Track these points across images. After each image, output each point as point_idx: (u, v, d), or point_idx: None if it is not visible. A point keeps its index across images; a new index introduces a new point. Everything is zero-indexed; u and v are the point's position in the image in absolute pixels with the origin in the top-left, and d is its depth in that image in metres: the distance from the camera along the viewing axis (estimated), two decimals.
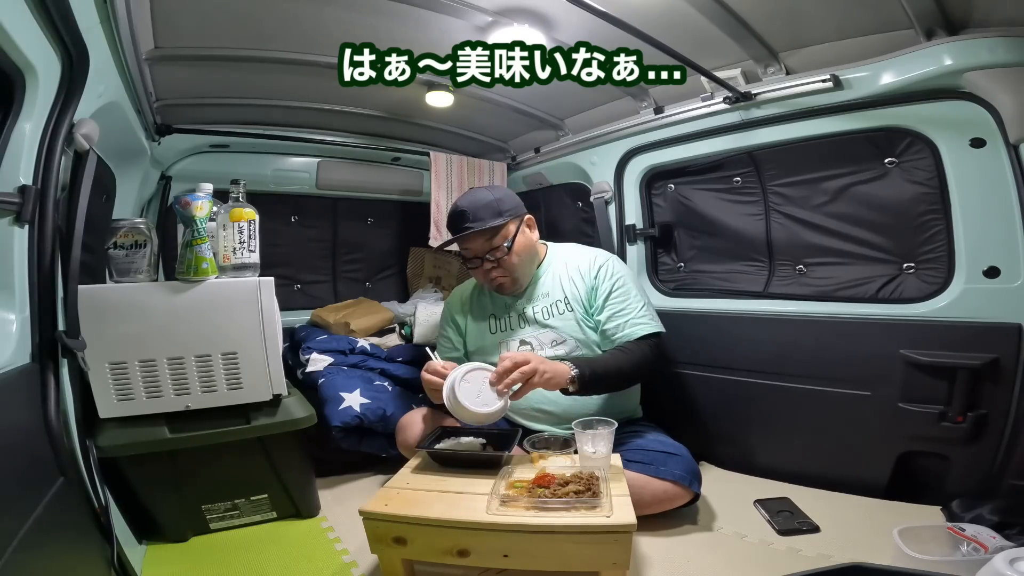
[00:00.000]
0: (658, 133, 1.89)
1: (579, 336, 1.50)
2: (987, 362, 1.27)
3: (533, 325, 1.55)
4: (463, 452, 1.22)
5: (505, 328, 1.58)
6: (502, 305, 1.61)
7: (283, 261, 2.44)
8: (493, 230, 1.49)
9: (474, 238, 1.50)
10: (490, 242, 1.50)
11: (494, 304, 1.63)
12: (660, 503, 1.31)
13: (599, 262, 1.56)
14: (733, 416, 1.74)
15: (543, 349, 1.51)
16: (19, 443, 0.86)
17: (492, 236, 1.50)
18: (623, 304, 1.49)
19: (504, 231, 1.50)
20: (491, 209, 1.49)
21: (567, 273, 1.57)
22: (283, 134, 2.14)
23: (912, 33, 1.28)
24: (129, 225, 1.30)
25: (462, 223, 1.49)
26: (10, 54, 0.83)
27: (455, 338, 1.67)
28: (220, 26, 1.45)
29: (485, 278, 1.56)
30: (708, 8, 1.33)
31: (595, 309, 1.52)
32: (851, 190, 1.55)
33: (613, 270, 1.54)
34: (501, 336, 1.58)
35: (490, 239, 1.50)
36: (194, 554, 1.28)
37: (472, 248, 1.52)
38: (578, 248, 1.68)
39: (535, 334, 1.53)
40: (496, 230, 1.49)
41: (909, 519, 1.23)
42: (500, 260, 1.51)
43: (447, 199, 2.37)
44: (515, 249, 1.51)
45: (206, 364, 1.28)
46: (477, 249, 1.52)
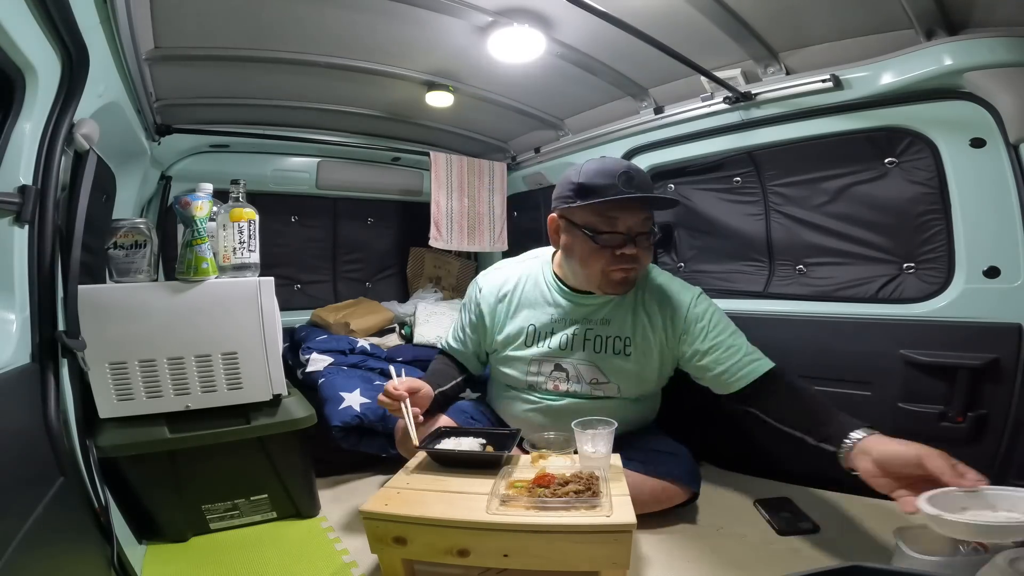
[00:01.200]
0: (658, 133, 1.89)
1: (628, 384, 1.35)
2: (987, 362, 1.27)
3: (578, 351, 1.35)
4: (463, 452, 1.22)
5: (543, 344, 1.38)
6: (547, 314, 1.39)
7: (283, 261, 2.45)
8: (652, 211, 1.25)
9: (637, 209, 1.24)
10: (646, 223, 1.26)
11: (538, 312, 1.40)
12: (659, 502, 1.31)
13: (689, 299, 1.34)
14: (733, 416, 1.74)
15: (580, 383, 1.36)
16: (19, 443, 0.86)
17: (649, 217, 1.26)
18: (729, 340, 1.29)
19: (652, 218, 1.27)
20: (652, 187, 1.27)
21: (644, 306, 1.35)
22: (283, 134, 2.14)
23: (912, 33, 1.28)
24: (129, 225, 1.30)
25: (627, 184, 1.21)
26: (10, 54, 0.83)
27: (472, 337, 1.52)
28: (220, 26, 1.45)
29: (612, 264, 1.26)
30: (708, 8, 1.33)
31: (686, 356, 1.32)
32: (851, 190, 1.55)
33: (706, 307, 1.34)
34: (536, 352, 1.38)
35: (647, 219, 1.26)
36: (194, 554, 1.28)
37: (626, 220, 1.24)
38: (666, 277, 1.41)
39: (576, 363, 1.35)
40: (652, 213, 1.26)
41: (909, 519, 1.23)
42: (640, 251, 1.27)
43: (447, 199, 2.37)
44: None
45: (206, 364, 1.28)
46: (628, 225, 1.24)
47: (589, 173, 1.26)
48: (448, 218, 2.39)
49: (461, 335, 1.57)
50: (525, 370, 1.41)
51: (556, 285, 1.42)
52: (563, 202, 1.30)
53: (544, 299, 1.41)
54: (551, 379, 1.39)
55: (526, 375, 1.42)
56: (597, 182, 1.24)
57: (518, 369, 1.43)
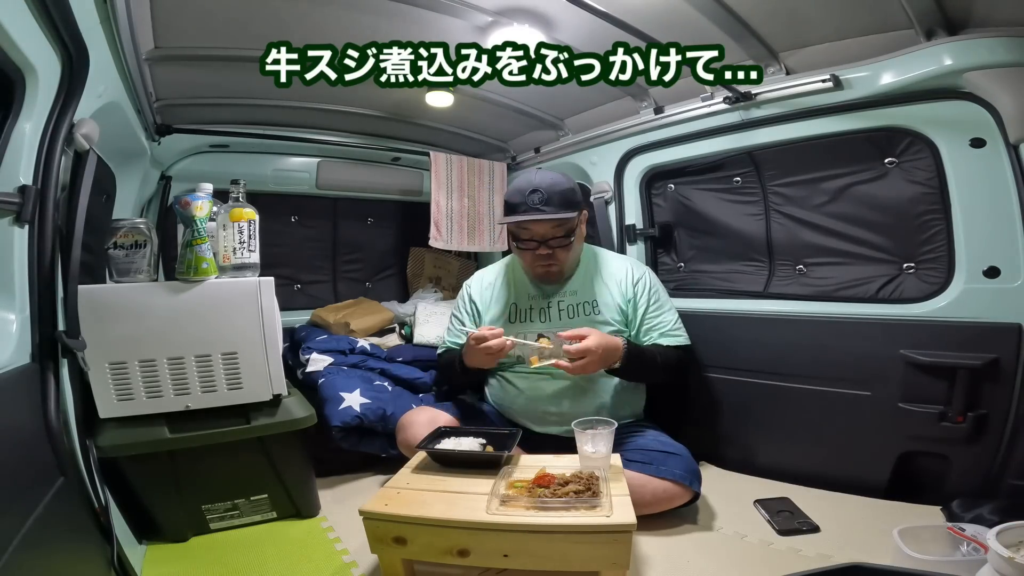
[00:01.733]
0: (658, 133, 1.89)
1: None
2: (987, 362, 1.27)
3: (554, 320, 1.54)
4: (463, 452, 1.22)
5: (524, 319, 1.57)
6: (525, 295, 1.60)
7: (283, 261, 2.44)
8: (562, 220, 1.46)
9: (541, 223, 1.46)
10: (555, 230, 1.47)
11: (517, 293, 1.61)
12: (660, 502, 1.31)
13: (637, 274, 1.59)
14: (733, 416, 1.74)
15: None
16: (19, 443, 0.86)
17: (559, 224, 1.47)
18: (658, 318, 1.55)
19: (570, 223, 1.48)
20: (565, 197, 1.46)
21: (601, 277, 1.59)
22: (283, 134, 2.14)
23: (912, 33, 1.28)
24: (129, 225, 1.30)
25: (532, 202, 1.44)
26: (10, 54, 0.83)
27: (468, 323, 1.65)
28: (220, 26, 1.45)
29: (535, 262, 1.52)
30: (708, 8, 1.33)
31: (633, 319, 1.55)
32: (851, 190, 1.55)
33: (650, 284, 1.58)
34: (520, 327, 1.56)
35: (556, 227, 1.47)
36: (194, 554, 1.28)
37: (535, 231, 1.48)
38: (611, 255, 1.69)
39: (554, 329, 1.51)
40: (565, 221, 1.46)
41: (909, 519, 1.23)
42: (557, 250, 1.49)
43: (447, 199, 2.37)
44: (574, 243, 1.50)
45: (206, 364, 1.28)
46: (538, 233, 1.48)
47: (509, 191, 1.54)
48: (448, 218, 2.39)
49: (459, 328, 1.66)
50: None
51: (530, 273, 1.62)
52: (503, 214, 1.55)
53: (522, 284, 1.62)
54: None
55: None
56: (513, 199, 1.49)
57: None
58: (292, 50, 1.23)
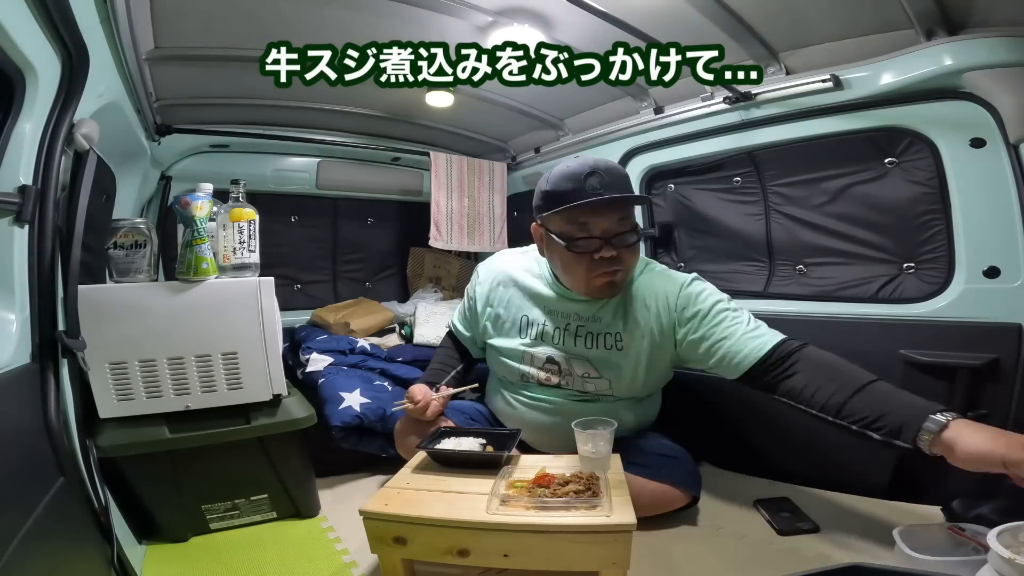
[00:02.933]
0: (658, 133, 1.89)
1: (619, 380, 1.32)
2: (987, 362, 1.27)
3: (570, 345, 1.33)
4: (463, 452, 1.22)
5: (537, 336, 1.38)
6: (542, 307, 1.38)
7: (283, 261, 2.45)
8: (630, 209, 1.20)
9: (607, 211, 1.18)
10: (623, 223, 1.20)
11: (533, 302, 1.40)
12: (658, 506, 1.30)
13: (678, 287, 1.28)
14: (733, 416, 1.74)
15: (571, 376, 1.35)
16: (19, 443, 0.86)
17: (626, 216, 1.21)
18: (727, 322, 1.22)
19: (633, 216, 1.21)
20: (627, 184, 1.22)
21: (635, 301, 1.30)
22: (283, 134, 2.14)
23: (912, 33, 1.28)
24: (129, 225, 1.30)
25: (594, 186, 1.16)
26: (10, 54, 0.83)
27: (472, 321, 1.54)
28: (220, 26, 1.46)
29: (592, 270, 1.22)
30: (708, 8, 1.34)
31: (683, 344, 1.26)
32: (851, 190, 1.55)
33: (698, 291, 1.27)
34: (529, 346, 1.38)
35: (623, 219, 1.20)
36: (194, 554, 1.28)
37: (596, 225, 1.19)
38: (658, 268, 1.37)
39: (568, 356, 1.34)
40: (631, 211, 1.21)
41: (909, 519, 1.23)
42: (622, 251, 1.21)
43: (447, 199, 2.37)
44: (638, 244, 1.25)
45: (206, 364, 1.28)
46: (602, 228, 1.19)
47: (555, 178, 1.24)
48: (448, 218, 2.39)
49: (465, 321, 1.60)
50: (519, 358, 1.40)
51: (552, 282, 1.40)
52: (538, 212, 1.29)
53: (540, 293, 1.40)
54: (543, 371, 1.38)
55: (519, 364, 1.41)
56: (563, 187, 1.20)
57: (511, 358, 1.42)
58: (292, 50, 1.24)
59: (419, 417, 1.37)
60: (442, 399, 1.39)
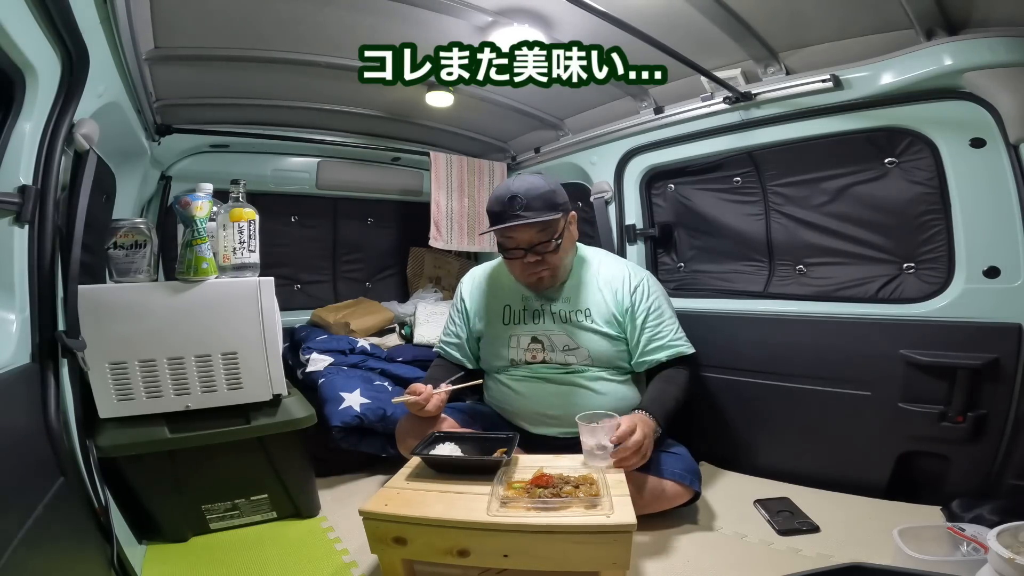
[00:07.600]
0: (658, 133, 1.89)
1: (595, 348, 1.47)
2: (987, 362, 1.27)
3: (549, 324, 1.50)
4: (459, 458, 1.22)
5: (519, 320, 1.54)
6: (519, 296, 1.56)
7: (283, 261, 2.44)
8: (546, 223, 1.40)
9: (524, 229, 1.40)
10: (540, 235, 1.42)
11: (510, 293, 1.57)
12: (659, 502, 1.31)
13: (635, 281, 1.51)
14: (733, 416, 1.74)
15: (554, 351, 1.49)
16: (19, 443, 0.86)
17: (543, 228, 1.41)
18: (659, 328, 1.47)
19: (555, 225, 1.42)
20: (546, 200, 1.41)
21: (596, 283, 1.52)
22: (283, 134, 2.14)
23: (912, 33, 1.28)
24: (129, 225, 1.30)
25: (512, 209, 1.39)
26: (10, 54, 0.83)
27: (460, 325, 1.64)
28: (220, 26, 1.45)
29: (524, 271, 1.47)
30: (708, 8, 1.33)
31: (631, 329, 1.48)
32: (851, 190, 1.55)
33: (650, 290, 1.51)
34: (513, 328, 1.53)
35: (541, 231, 1.41)
36: (194, 554, 1.28)
37: (518, 238, 1.43)
38: (610, 258, 1.62)
39: (548, 333, 1.49)
40: (549, 224, 1.41)
41: (909, 519, 1.23)
42: (546, 255, 1.44)
43: (447, 199, 2.37)
44: (563, 245, 1.45)
45: (206, 364, 1.28)
46: (524, 240, 1.42)
47: (490, 200, 1.48)
48: (448, 218, 2.39)
49: (452, 331, 1.66)
50: (507, 344, 1.53)
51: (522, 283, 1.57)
52: None
53: (517, 287, 1.57)
54: (530, 351, 1.52)
55: (508, 348, 1.53)
56: (494, 209, 1.45)
57: (501, 344, 1.54)
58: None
59: (419, 413, 1.37)
60: (443, 394, 1.40)
